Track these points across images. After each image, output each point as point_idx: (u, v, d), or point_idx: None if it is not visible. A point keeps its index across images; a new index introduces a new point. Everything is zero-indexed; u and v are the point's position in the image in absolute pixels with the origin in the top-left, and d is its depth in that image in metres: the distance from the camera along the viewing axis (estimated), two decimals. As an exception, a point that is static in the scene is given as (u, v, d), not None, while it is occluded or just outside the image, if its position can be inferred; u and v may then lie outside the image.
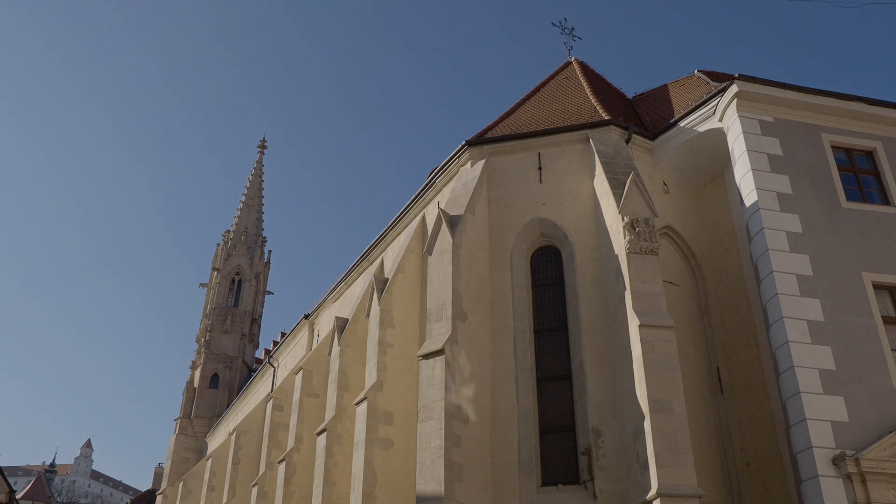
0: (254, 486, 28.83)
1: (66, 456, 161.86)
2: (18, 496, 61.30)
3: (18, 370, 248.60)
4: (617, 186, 17.65)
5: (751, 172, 17.21)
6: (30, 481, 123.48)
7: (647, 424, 14.53)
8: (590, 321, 17.74)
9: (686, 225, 20.22)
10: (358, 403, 20.27)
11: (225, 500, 32.53)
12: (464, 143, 21.03)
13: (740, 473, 17.59)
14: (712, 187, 20.61)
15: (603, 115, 20.58)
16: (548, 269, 19.25)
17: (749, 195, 17.16)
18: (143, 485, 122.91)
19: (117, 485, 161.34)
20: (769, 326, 16.07)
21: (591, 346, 17.45)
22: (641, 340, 15.24)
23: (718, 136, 18.99)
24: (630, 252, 16.38)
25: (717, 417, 18.19)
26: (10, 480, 40.86)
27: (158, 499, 45.68)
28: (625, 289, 16.24)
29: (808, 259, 16.33)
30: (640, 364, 15.11)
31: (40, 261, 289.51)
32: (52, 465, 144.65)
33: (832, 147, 18.23)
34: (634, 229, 16.55)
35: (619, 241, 16.83)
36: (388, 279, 21.78)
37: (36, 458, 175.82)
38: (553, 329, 18.51)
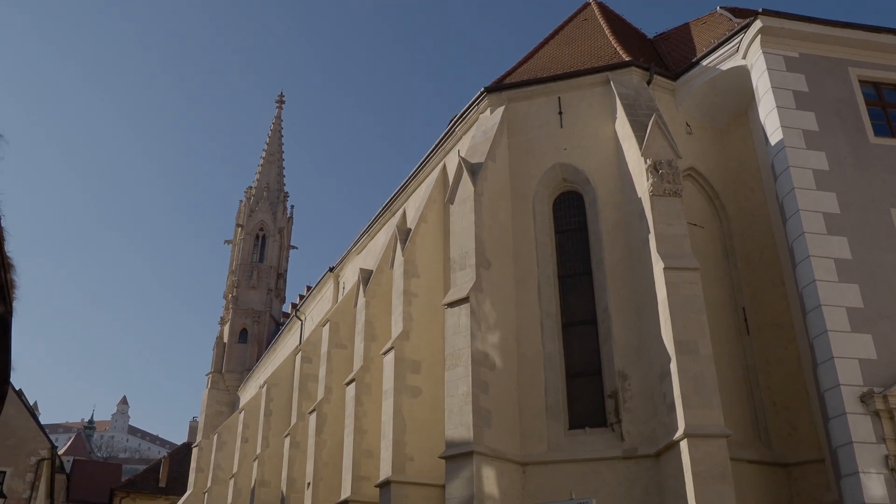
0: (286, 436, 29.42)
1: (104, 413, 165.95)
2: (60, 452, 63.11)
3: (56, 333, 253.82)
4: (639, 129, 17.41)
5: (776, 110, 16.88)
6: (70, 438, 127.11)
7: (673, 366, 14.59)
8: (614, 265, 17.70)
9: (710, 165, 19.94)
10: (385, 353, 20.49)
11: (259, 450, 33.24)
12: (482, 89, 20.80)
13: (767, 413, 17.63)
14: (736, 126, 20.26)
15: (623, 56, 20.22)
16: (570, 214, 19.16)
17: (774, 133, 16.86)
18: (179, 438, 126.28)
19: (154, 439, 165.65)
20: (795, 266, 15.93)
21: (615, 289, 17.45)
22: (666, 283, 15.23)
23: (742, 73, 18.59)
24: (653, 195, 16.25)
25: (744, 358, 18.15)
26: (52, 437, 42.01)
27: (194, 451, 46.73)
28: (648, 232, 16.15)
29: (834, 197, 16.08)
30: (666, 306, 15.11)
31: (73, 225, 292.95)
32: (91, 421, 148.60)
33: (860, 81, 17.77)
34: (657, 171, 16.38)
35: (642, 184, 16.68)
36: (410, 229, 21.81)
37: (75, 415, 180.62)
38: (577, 274, 18.50)
